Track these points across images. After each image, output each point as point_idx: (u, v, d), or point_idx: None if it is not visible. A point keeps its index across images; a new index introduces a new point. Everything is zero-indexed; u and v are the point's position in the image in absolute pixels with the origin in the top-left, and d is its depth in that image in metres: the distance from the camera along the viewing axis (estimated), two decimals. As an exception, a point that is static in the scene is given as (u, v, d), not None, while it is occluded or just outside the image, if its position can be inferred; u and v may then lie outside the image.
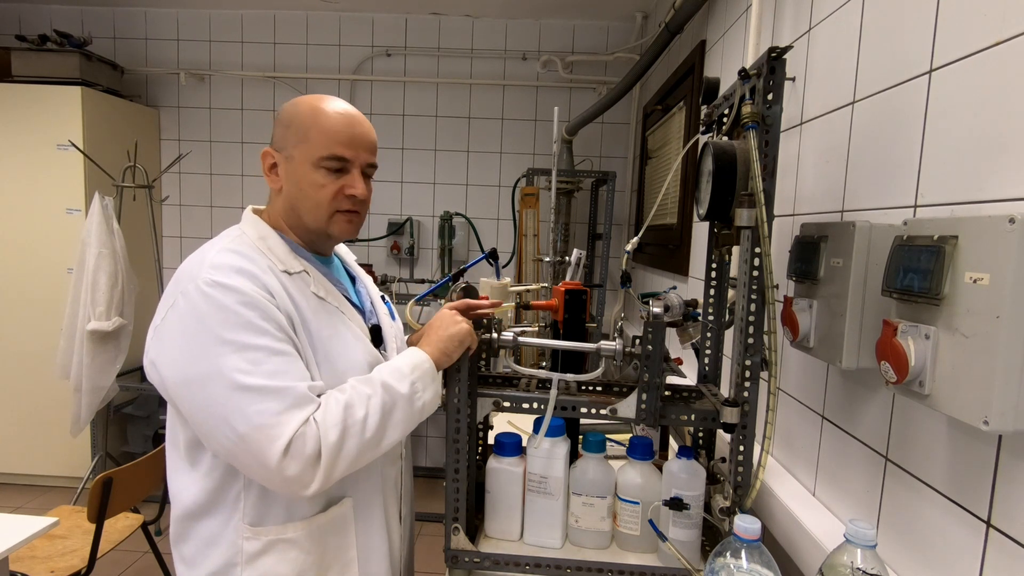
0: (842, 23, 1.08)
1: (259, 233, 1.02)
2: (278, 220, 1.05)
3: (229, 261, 0.93)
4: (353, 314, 1.07)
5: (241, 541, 0.96)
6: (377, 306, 1.20)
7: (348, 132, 1.00)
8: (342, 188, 1.01)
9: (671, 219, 2.39)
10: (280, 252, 1.01)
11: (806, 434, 1.13)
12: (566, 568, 1.10)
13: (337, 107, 1.02)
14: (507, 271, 3.43)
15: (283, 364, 0.89)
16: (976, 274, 0.63)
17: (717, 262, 1.21)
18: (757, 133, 0.95)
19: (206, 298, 0.88)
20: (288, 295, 0.96)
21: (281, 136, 1.02)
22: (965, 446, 0.72)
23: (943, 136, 0.78)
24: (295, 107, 1.02)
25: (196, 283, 0.89)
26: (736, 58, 1.69)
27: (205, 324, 0.88)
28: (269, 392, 0.87)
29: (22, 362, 3.24)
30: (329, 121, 0.99)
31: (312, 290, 1.01)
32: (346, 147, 0.99)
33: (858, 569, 0.70)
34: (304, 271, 1.02)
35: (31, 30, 3.28)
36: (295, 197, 1.01)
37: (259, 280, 0.92)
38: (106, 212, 2.86)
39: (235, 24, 3.57)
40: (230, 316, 0.88)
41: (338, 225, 1.03)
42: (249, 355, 0.87)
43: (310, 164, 0.99)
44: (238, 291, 0.89)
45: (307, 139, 0.99)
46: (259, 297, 0.90)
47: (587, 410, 1.08)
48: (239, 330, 0.88)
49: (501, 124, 3.59)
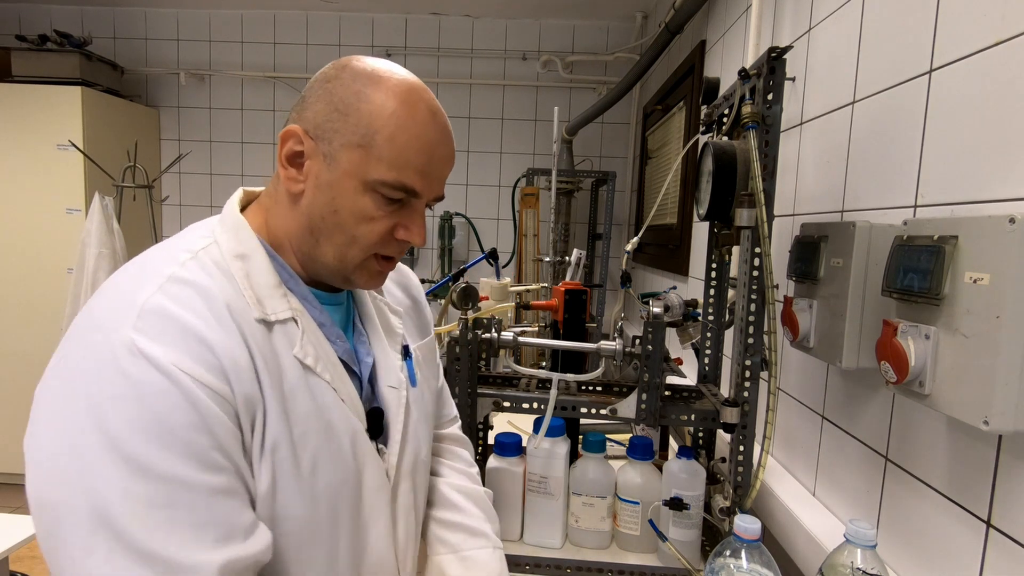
0: (842, 23, 1.08)
1: (237, 250, 0.67)
2: (278, 234, 0.71)
3: (173, 308, 0.59)
4: (349, 393, 0.72)
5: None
6: (386, 373, 0.79)
7: (431, 155, 0.68)
8: (395, 227, 0.70)
9: (671, 219, 2.39)
10: (261, 285, 0.66)
11: (806, 434, 1.13)
12: (566, 568, 1.10)
13: (428, 110, 0.68)
14: (507, 271, 3.43)
15: (200, 509, 0.56)
16: (976, 274, 0.63)
17: (717, 262, 1.21)
18: (757, 133, 0.95)
19: (113, 374, 0.55)
20: (256, 369, 0.62)
21: (326, 119, 0.67)
22: (965, 446, 0.72)
23: (943, 136, 0.78)
24: (361, 85, 0.67)
25: (108, 341, 0.56)
26: (736, 58, 1.69)
27: (103, 418, 0.54)
28: (149, 561, 0.53)
29: (22, 362, 3.24)
30: (412, 131, 0.66)
31: (296, 353, 0.66)
32: (422, 177, 0.68)
33: (858, 569, 0.70)
34: (292, 319, 0.68)
35: (31, 30, 3.28)
36: (322, 217, 0.68)
37: (213, 354, 0.59)
38: (106, 212, 2.86)
39: (235, 24, 3.57)
40: (142, 415, 0.54)
41: (366, 275, 0.72)
42: (151, 487, 0.54)
43: (360, 182, 0.66)
44: (170, 376, 0.55)
45: (370, 144, 0.65)
46: (196, 391, 0.56)
47: (587, 410, 1.08)
48: (147, 442, 0.54)
49: (501, 124, 3.59)
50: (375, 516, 0.74)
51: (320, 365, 0.68)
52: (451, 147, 0.72)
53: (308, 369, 0.67)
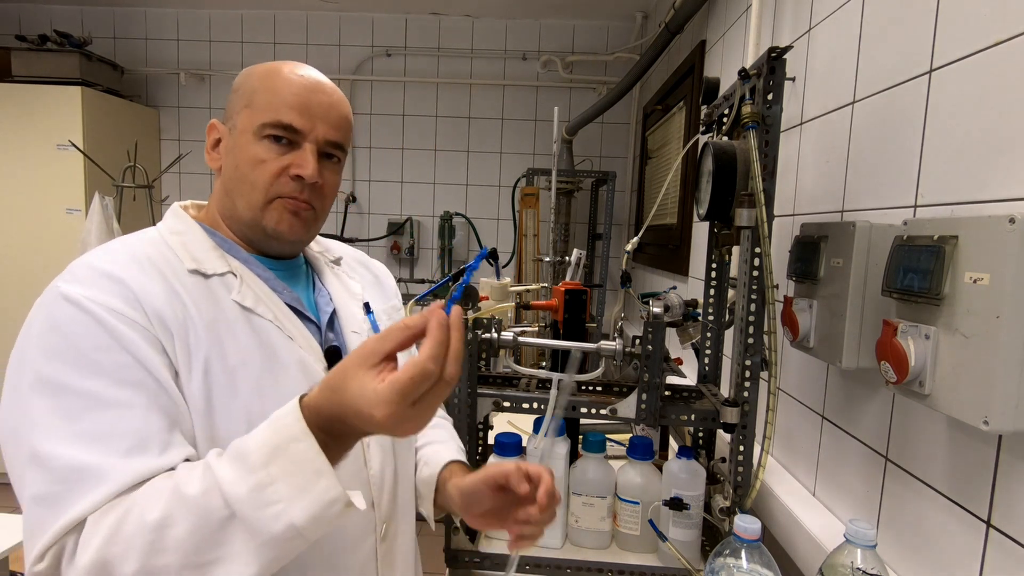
0: (842, 23, 1.08)
1: (175, 228, 0.79)
2: (213, 213, 0.82)
3: (95, 261, 0.70)
4: (299, 331, 0.79)
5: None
6: (348, 320, 0.87)
7: (304, 97, 0.77)
8: (287, 167, 0.77)
9: (671, 219, 2.39)
10: (196, 249, 0.76)
11: (806, 434, 1.13)
12: (566, 568, 1.10)
13: (298, 70, 0.80)
14: (507, 271, 3.43)
15: (111, 421, 0.61)
16: (976, 274, 0.63)
17: (717, 262, 1.21)
18: (757, 133, 0.95)
19: (42, 315, 0.66)
20: (181, 302, 0.70)
21: (229, 104, 0.81)
22: (965, 446, 0.72)
23: (943, 136, 0.78)
24: (251, 69, 0.82)
25: (43, 296, 0.68)
26: (736, 58, 1.69)
27: (26, 353, 0.64)
28: (55, 467, 0.59)
29: (22, 362, 3.24)
30: (282, 81, 0.78)
31: (234, 297, 0.75)
32: (298, 114, 0.77)
33: (858, 569, 0.70)
34: (231, 272, 0.77)
35: (31, 30, 3.28)
36: (230, 177, 0.79)
37: (125, 287, 0.67)
38: (106, 212, 2.85)
39: (235, 24, 3.57)
40: (58, 343, 0.63)
41: (275, 215, 0.78)
42: (65, 403, 0.61)
43: (251, 133, 0.77)
44: (80, 306, 0.64)
45: (252, 103, 0.77)
46: (105, 315, 0.64)
47: (587, 410, 1.08)
48: (61, 364, 0.62)
49: (501, 124, 3.59)
50: None
51: (261, 306, 0.77)
52: (334, 96, 0.81)
53: (248, 310, 0.75)
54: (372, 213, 3.66)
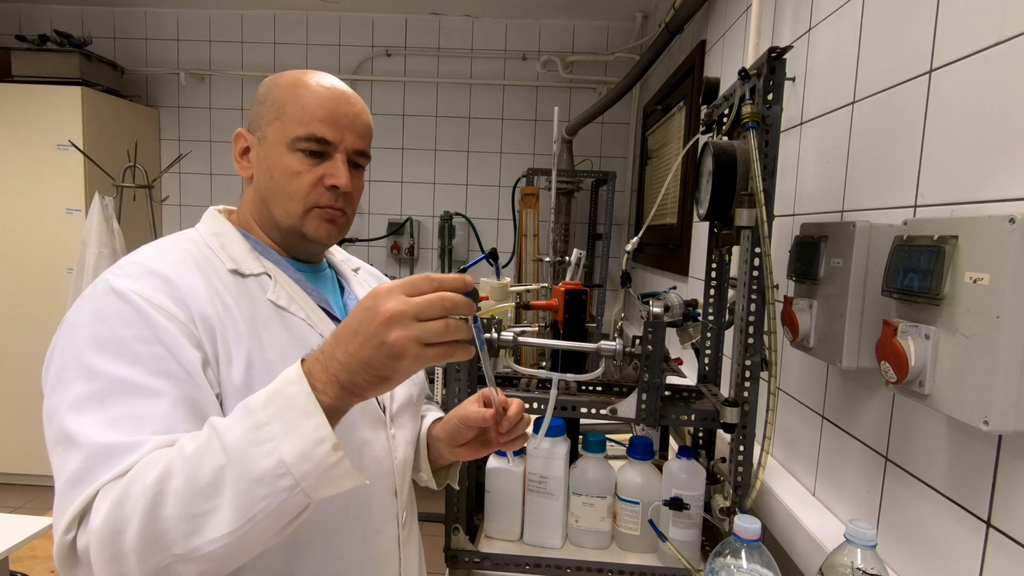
0: (842, 23, 1.08)
1: (213, 230, 0.84)
2: (247, 217, 0.88)
3: (144, 259, 0.75)
4: (329, 330, 0.83)
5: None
6: None
7: (332, 109, 0.82)
8: (322, 177, 0.82)
9: (671, 219, 2.39)
10: (234, 251, 0.82)
11: (806, 434, 1.13)
12: (566, 568, 1.10)
13: (323, 81, 0.84)
14: (507, 271, 3.43)
15: (142, 406, 0.65)
16: (976, 274, 0.63)
17: (717, 262, 1.21)
18: (757, 133, 0.95)
19: (91, 306, 0.70)
20: (222, 300, 0.76)
21: (256, 115, 0.85)
22: (965, 446, 0.72)
23: (943, 136, 0.78)
24: (274, 80, 0.86)
25: (92, 288, 0.73)
26: (736, 58, 1.69)
27: (74, 340, 0.69)
28: (86, 445, 0.63)
29: (22, 362, 3.24)
30: (310, 94, 0.82)
31: (269, 296, 0.80)
32: (329, 126, 0.82)
33: (858, 569, 0.70)
34: (265, 274, 0.82)
35: (31, 30, 3.28)
36: (265, 187, 0.84)
37: (172, 285, 0.72)
38: (106, 212, 2.86)
39: (235, 24, 3.57)
40: (101, 332, 0.68)
41: (314, 223, 0.84)
42: (101, 388, 0.65)
43: (284, 146, 0.82)
44: (127, 299, 0.69)
45: (282, 115, 0.82)
46: (149, 309, 0.69)
47: (587, 410, 1.08)
48: (102, 353, 0.67)
49: (501, 124, 3.59)
50: (368, 437, 0.83)
51: (294, 306, 0.82)
52: (358, 106, 0.86)
53: (282, 309, 0.81)
54: (372, 213, 3.66)
